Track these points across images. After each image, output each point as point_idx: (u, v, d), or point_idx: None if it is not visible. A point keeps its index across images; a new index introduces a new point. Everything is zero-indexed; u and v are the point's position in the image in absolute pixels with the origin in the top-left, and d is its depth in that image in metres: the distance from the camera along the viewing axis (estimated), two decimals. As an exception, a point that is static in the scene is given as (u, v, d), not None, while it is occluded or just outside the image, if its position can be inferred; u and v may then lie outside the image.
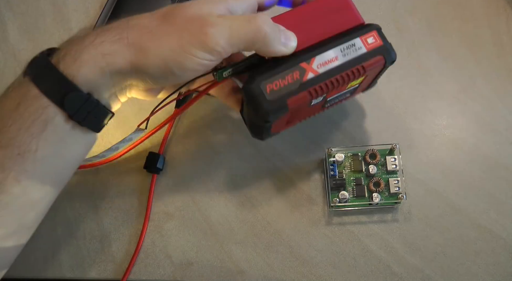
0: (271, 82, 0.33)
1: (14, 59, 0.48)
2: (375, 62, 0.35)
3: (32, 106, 0.29)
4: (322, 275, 0.39)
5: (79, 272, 0.40)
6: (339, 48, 0.34)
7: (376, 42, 0.35)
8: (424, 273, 0.38)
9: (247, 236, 0.40)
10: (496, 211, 0.40)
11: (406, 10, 0.47)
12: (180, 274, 0.40)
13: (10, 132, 0.29)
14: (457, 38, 0.46)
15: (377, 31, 0.35)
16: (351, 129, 0.43)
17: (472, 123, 0.43)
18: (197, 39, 0.29)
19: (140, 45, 0.30)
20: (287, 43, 0.33)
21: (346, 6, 0.36)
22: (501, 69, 0.44)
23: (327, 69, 0.34)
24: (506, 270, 0.38)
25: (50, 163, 0.31)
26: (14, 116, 0.29)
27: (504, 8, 0.46)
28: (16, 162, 0.29)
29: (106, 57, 0.30)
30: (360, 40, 0.35)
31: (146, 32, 0.30)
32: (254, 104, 0.33)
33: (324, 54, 0.34)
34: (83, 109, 0.30)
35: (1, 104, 0.30)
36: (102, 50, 0.30)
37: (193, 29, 0.30)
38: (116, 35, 0.30)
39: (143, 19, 0.32)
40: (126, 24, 0.31)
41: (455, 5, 0.47)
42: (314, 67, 0.34)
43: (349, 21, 0.36)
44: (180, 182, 0.42)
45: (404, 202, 0.40)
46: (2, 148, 0.29)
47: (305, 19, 0.35)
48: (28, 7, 0.49)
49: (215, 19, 0.30)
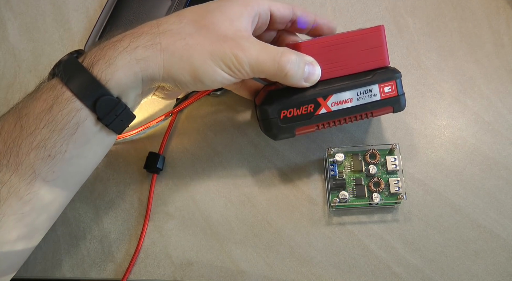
0: (286, 109, 0.36)
1: (14, 59, 0.48)
2: (384, 111, 0.37)
3: (65, 109, 0.30)
4: (322, 275, 0.39)
5: (79, 272, 0.40)
6: (357, 91, 0.36)
7: (392, 92, 0.37)
8: (424, 273, 0.38)
9: (247, 236, 0.41)
10: (496, 211, 0.40)
11: (406, 10, 0.47)
12: (180, 274, 0.40)
13: (42, 133, 0.30)
14: (457, 38, 0.46)
15: (396, 82, 0.36)
16: (351, 129, 0.43)
17: (472, 123, 0.43)
18: (228, 58, 0.31)
19: (173, 52, 0.31)
20: (309, 78, 0.34)
21: (379, 45, 0.36)
22: (501, 69, 0.44)
23: (340, 108, 0.36)
24: (506, 270, 0.38)
25: (75, 164, 0.32)
26: (47, 118, 0.30)
27: (504, 8, 0.46)
28: (46, 163, 0.30)
29: (140, 62, 0.31)
30: (378, 87, 0.36)
31: (178, 39, 0.31)
32: (266, 126, 0.36)
33: (341, 94, 0.36)
34: (112, 113, 0.31)
35: (32, 106, 0.30)
36: (136, 56, 0.31)
37: (226, 48, 0.31)
38: (149, 41, 0.31)
39: (174, 24, 0.32)
40: (157, 28, 0.32)
41: (455, 5, 0.47)
42: (328, 104, 0.36)
43: (376, 61, 0.37)
44: (180, 182, 0.42)
45: (404, 202, 0.40)
46: (34, 149, 0.30)
47: (336, 49, 0.35)
48: (28, 7, 0.49)
49: (247, 45, 0.32)
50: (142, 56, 0.31)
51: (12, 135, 0.30)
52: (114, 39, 0.32)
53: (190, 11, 0.33)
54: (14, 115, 0.31)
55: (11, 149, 0.29)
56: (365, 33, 0.35)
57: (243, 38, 0.32)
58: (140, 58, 0.31)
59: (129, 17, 0.48)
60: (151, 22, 0.33)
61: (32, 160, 0.30)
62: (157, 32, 0.31)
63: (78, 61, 0.31)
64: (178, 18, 0.33)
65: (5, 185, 0.29)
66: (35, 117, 0.30)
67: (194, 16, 0.33)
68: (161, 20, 0.33)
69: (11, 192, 0.29)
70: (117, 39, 0.32)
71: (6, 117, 0.31)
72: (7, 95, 0.46)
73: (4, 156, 0.30)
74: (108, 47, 0.31)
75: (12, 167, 0.29)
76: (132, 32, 0.32)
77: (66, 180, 0.32)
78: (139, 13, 0.48)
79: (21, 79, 0.47)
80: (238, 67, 0.32)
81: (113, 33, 0.33)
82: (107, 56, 0.30)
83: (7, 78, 0.47)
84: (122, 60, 0.30)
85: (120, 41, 0.31)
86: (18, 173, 0.30)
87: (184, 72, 0.31)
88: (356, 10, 0.37)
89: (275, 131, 0.36)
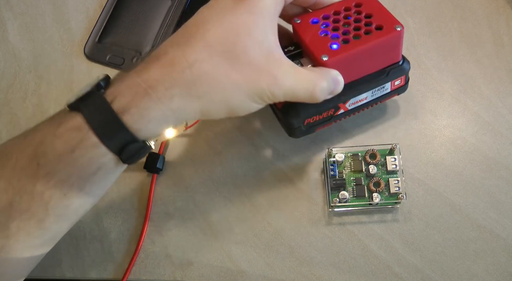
0: (310, 117, 0.38)
1: (14, 59, 0.48)
2: (390, 97, 0.41)
3: (88, 154, 0.29)
4: (322, 275, 0.39)
5: (79, 272, 0.40)
6: (372, 91, 0.38)
7: (400, 83, 0.40)
8: (424, 273, 0.38)
9: (247, 236, 0.40)
10: (496, 211, 0.40)
11: (406, 10, 0.47)
12: (180, 274, 0.40)
13: (61, 175, 0.29)
14: (457, 38, 0.46)
15: (406, 75, 0.39)
16: (351, 129, 0.43)
17: (472, 123, 0.43)
18: (265, 95, 0.31)
19: (211, 98, 0.31)
20: (334, 92, 0.35)
21: (396, 46, 0.37)
22: (501, 69, 0.44)
23: (355, 106, 0.39)
24: (506, 270, 0.38)
25: (89, 196, 0.32)
26: (68, 160, 0.29)
27: (504, 8, 0.46)
28: (60, 201, 0.30)
29: (175, 112, 0.30)
30: (390, 83, 0.39)
31: (214, 84, 0.30)
32: (291, 132, 0.39)
33: (358, 97, 0.38)
34: (136, 155, 0.31)
35: (52, 144, 0.29)
36: (172, 106, 0.30)
37: (263, 85, 0.31)
38: (185, 88, 0.30)
39: (205, 62, 0.30)
40: (189, 71, 0.30)
41: (455, 5, 0.47)
42: (347, 105, 0.39)
43: (391, 59, 0.37)
44: (180, 182, 0.42)
45: (404, 202, 0.40)
46: (49, 189, 0.29)
47: (359, 58, 0.35)
48: (28, 7, 0.50)
49: (281, 75, 0.31)
50: (178, 106, 0.30)
51: (27, 171, 0.29)
52: (144, 76, 0.30)
53: (216, 35, 0.30)
54: (30, 148, 0.29)
55: (25, 187, 0.29)
56: (387, 38, 0.35)
57: (276, 63, 0.32)
58: (176, 108, 0.30)
59: (129, 17, 0.48)
60: (179, 57, 0.30)
61: (46, 200, 0.29)
62: (191, 78, 0.30)
63: (109, 105, 0.29)
64: (207, 50, 0.30)
65: (16, 220, 0.29)
66: (54, 157, 0.29)
67: (224, 44, 0.30)
68: (189, 55, 0.30)
69: (20, 228, 0.29)
70: (151, 84, 0.29)
71: (21, 147, 0.30)
72: (7, 95, 0.46)
73: (17, 193, 0.29)
74: (142, 93, 0.29)
75: (24, 206, 0.29)
76: (169, 78, 0.30)
77: (77, 211, 0.32)
78: (139, 13, 0.48)
79: (21, 79, 0.47)
80: (273, 99, 0.32)
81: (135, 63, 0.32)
82: (141, 106, 0.29)
83: (7, 78, 0.47)
84: (156, 111, 0.29)
85: (154, 89, 0.29)
86: (30, 212, 0.29)
87: (221, 112, 0.32)
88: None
89: (298, 134, 0.39)
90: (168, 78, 0.29)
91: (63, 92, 0.46)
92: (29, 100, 0.46)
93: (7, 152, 0.30)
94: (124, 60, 0.46)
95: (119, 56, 0.47)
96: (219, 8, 0.32)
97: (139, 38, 0.47)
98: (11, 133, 0.45)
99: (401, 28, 0.35)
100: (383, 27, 0.35)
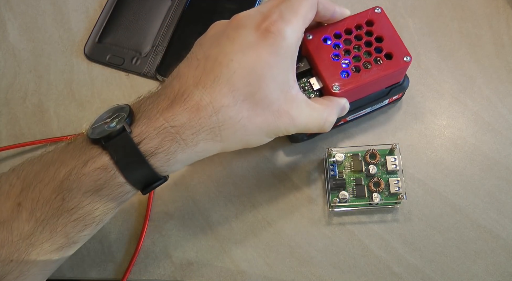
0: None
1: (14, 59, 0.48)
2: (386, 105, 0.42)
3: (114, 192, 0.30)
4: (322, 275, 0.39)
5: (79, 272, 0.40)
6: (372, 107, 0.41)
7: (397, 97, 0.42)
8: (424, 273, 0.38)
9: (247, 236, 0.40)
10: (496, 211, 0.40)
11: (406, 10, 0.47)
12: (180, 274, 0.40)
13: (85, 210, 0.30)
14: (457, 38, 0.46)
15: (405, 91, 0.41)
16: (351, 129, 0.43)
17: (472, 123, 0.43)
18: (280, 132, 0.33)
19: (233, 140, 0.32)
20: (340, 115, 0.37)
21: (401, 73, 0.38)
22: (501, 69, 0.44)
23: (354, 117, 0.42)
24: (506, 270, 0.38)
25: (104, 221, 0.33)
26: (93, 197, 0.30)
27: (504, 8, 0.46)
28: (81, 231, 0.31)
29: (199, 154, 0.32)
30: (389, 99, 0.41)
31: (238, 128, 0.31)
32: (293, 140, 0.42)
33: (359, 113, 0.41)
34: (154, 186, 0.32)
35: (78, 181, 0.29)
36: (197, 150, 0.31)
37: (280, 125, 0.32)
38: (210, 134, 0.31)
39: (230, 108, 0.30)
40: (216, 117, 0.30)
41: (455, 5, 0.47)
42: (348, 118, 0.41)
43: (395, 81, 0.39)
44: (180, 182, 0.42)
45: (404, 202, 0.40)
46: (72, 222, 0.30)
47: (368, 86, 0.36)
48: (28, 7, 0.49)
49: (296, 114, 0.33)
50: (202, 149, 0.31)
51: (52, 205, 0.29)
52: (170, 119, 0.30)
53: (241, 77, 0.30)
54: (54, 183, 0.29)
55: (49, 220, 0.29)
56: (395, 70, 0.36)
57: (294, 103, 0.33)
58: (200, 150, 0.31)
59: (129, 17, 0.48)
60: (205, 102, 0.30)
61: (68, 230, 0.30)
62: (217, 124, 0.30)
63: (137, 148, 0.29)
64: (232, 95, 0.30)
65: (36, 249, 0.30)
66: (80, 194, 0.29)
67: (248, 87, 0.31)
68: (216, 101, 0.30)
69: (41, 254, 0.30)
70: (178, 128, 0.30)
71: (45, 180, 0.30)
72: (7, 95, 0.46)
73: (40, 224, 0.29)
74: (169, 137, 0.30)
75: (46, 236, 0.30)
76: (190, 118, 0.30)
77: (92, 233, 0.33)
78: (139, 13, 0.48)
79: (21, 79, 0.47)
80: (286, 134, 0.34)
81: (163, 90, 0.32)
82: (168, 151, 0.30)
83: (7, 78, 0.47)
84: (182, 155, 0.31)
85: (180, 133, 0.30)
86: (51, 240, 0.30)
87: (238, 147, 0.33)
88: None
89: (300, 141, 0.42)
90: (195, 125, 0.30)
91: (63, 92, 0.46)
92: (29, 100, 0.46)
93: (28, 182, 0.30)
94: (124, 60, 0.46)
95: (119, 56, 0.47)
96: (242, 44, 0.31)
97: (139, 38, 0.47)
98: (11, 133, 0.45)
99: (410, 59, 0.36)
100: (393, 56, 0.36)
